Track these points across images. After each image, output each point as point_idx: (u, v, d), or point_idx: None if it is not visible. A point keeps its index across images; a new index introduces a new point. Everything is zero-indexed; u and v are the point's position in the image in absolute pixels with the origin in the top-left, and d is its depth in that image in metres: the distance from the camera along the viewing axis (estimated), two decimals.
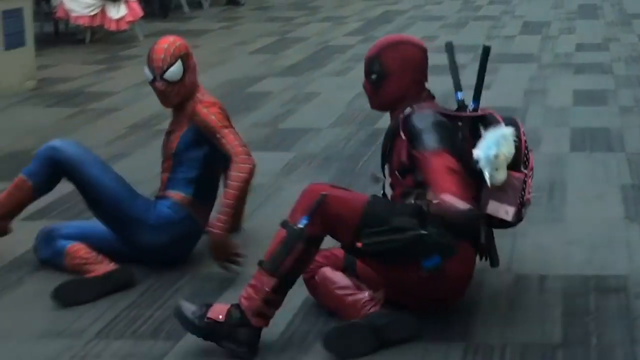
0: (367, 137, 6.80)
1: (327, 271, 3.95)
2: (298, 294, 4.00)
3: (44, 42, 11.46)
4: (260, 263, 3.66)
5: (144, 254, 4.49)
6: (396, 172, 3.93)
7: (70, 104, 8.22)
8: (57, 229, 4.54)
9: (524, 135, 3.97)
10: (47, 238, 4.50)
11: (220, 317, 3.62)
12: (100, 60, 10.54)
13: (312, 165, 6.17)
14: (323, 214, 3.65)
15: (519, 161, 3.88)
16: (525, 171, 3.88)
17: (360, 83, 4.22)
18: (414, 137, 3.83)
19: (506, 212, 3.78)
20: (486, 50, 4.26)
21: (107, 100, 8.38)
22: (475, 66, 9.29)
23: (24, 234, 4.89)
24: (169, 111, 4.74)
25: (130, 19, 11.47)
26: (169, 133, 4.61)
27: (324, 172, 6.00)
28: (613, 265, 4.51)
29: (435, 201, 3.62)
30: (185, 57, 4.49)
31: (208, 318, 3.62)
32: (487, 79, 8.61)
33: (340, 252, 4.05)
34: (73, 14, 11.20)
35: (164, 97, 4.51)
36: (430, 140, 3.77)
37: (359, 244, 3.65)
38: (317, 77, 9.26)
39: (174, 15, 14.25)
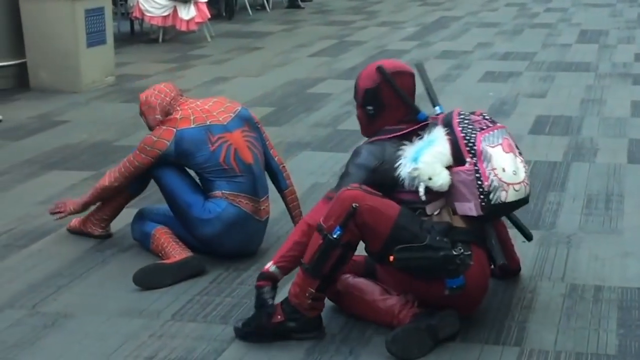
0: None
1: (349, 279, 4.02)
2: None
3: (121, 40, 11.90)
4: (302, 265, 3.78)
5: (207, 246, 4.71)
6: None
7: None
8: (149, 211, 4.87)
9: (458, 125, 3.89)
10: (140, 218, 4.84)
11: (279, 317, 3.80)
12: (172, 59, 10.93)
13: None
14: (356, 223, 3.68)
15: (460, 154, 3.83)
16: (474, 159, 3.80)
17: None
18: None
19: (470, 208, 3.79)
20: (419, 66, 4.33)
21: None
22: (531, 75, 9.86)
23: None
24: None
25: (199, 20, 11.93)
26: None
27: None
28: None
29: None
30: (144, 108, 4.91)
31: (269, 324, 3.80)
32: (543, 87, 8.95)
33: (359, 258, 4.09)
34: (148, 14, 11.74)
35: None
36: (340, 180, 3.93)
37: (391, 258, 3.67)
38: None
39: (238, 17, 14.57)
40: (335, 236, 3.68)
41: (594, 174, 6.11)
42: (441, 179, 3.78)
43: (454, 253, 3.66)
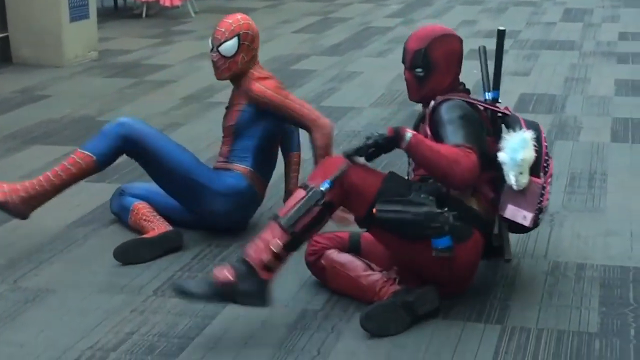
0: (407, 118, 6.96)
1: (334, 254, 3.99)
2: None
3: (104, 15, 11.83)
4: (275, 218, 3.68)
5: (206, 220, 4.70)
6: None
7: (129, 75, 8.60)
8: (129, 187, 4.85)
9: (545, 141, 3.97)
10: (119, 194, 4.82)
11: (230, 277, 3.61)
12: (155, 34, 10.89)
13: (353, 143, 6.30)
14: (344, 182, 3.67)
15: (538, 167, 3.86)
16: (544, 177, 3.86)
17: (400, 64, 4.20)
18: (439, 126, 3.80)
19: (524, 217, 3.79)
20: (501, 34, 4.17)
21: (162, 73, 8.71)
22: (515, 52, 9.69)
23: (86, 195, 5.27)
24: (220, 84, 4.69)
25: None
26: (228, 107, 4.77)
27: None
28: None
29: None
30: (244, 36, 4.62)
31: (218, 282, 3.61)
32: (527, 65, 8.94)
33: (344, 235, 4.09)
34: None
35: (215, 69, 4.68)
36: (453, 134, 3.72)
37: (374, 210, 3.64)
38: (359, 57, 9.46)
39: None
40: (322, 188, 3.65)
41: (578, 152, 6.13)
42: (525, 179, 3.79)
43: (438, 210, 3.63)
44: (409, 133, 3.69)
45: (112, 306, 3.98)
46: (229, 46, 4.60)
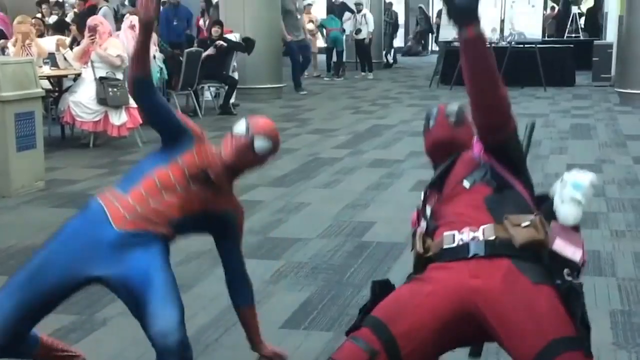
0: (354, 249, 6.96)
1: None
2: None
3: (51, 145, 11.81)
4: None
5: None
6: (464, 181, 3.56)
7: (75, 205, 8.39)
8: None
9: None
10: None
11: None
12: (102, 164, 10.87)
13: (300, 275, 6.36)
14: None
15: None
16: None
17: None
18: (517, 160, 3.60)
19: (574, 253, 3.34)
20: (532, 127, 3.97)
21: None
22: None
23: None
24: None
25: (130, 125, 11.91)
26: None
27: (312, 282, 6.19)
28: None
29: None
30: None
31: None
32: None
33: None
34: (78, 119, 11.68)
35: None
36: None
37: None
38: (307, 188, 9.49)
39: None
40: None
41: None
42: (580, 211, 3.45)
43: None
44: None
45: None
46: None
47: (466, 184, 3.56)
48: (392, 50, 29.09)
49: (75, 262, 3.96)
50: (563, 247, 3.34)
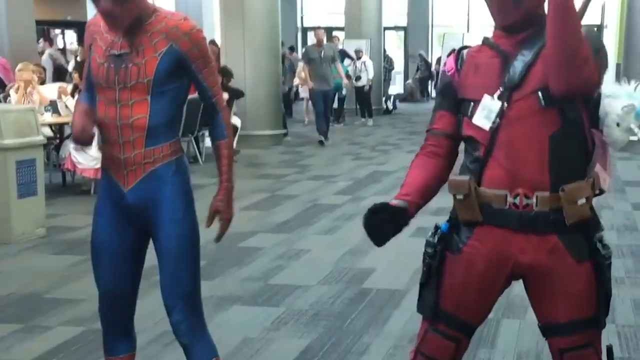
0: (355, 296, 6.97)
1: None
2: None
3: (52, 192, 11.85)
4: None
5: None
6: (539, 94, 3.16)
7: (76, 252, 8.52)
8: None
9: None
10: None
11: None
12: None
13: (300, 322, 6.35)
14: None
15: None
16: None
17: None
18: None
19: (604, 180, 3.34)
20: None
21: None
22: None
23: None
24: None
25: None
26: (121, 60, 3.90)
27: (312, 329, 6.19)
28: None
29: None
30: None
31: None
32: None
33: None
34: (79, 166, 11.70)
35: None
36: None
37: None
38: (307, 234, 9.49)
39: None
40: None
41: (524, 331, 6.15)
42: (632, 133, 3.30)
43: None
44: None
45: None
46: None
47: (542, 99, 3.18)
48: (392, 97, 29.20)
49: None
50: (598, 174, 3.33)
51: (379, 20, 26.69)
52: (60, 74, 18.76)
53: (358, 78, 23.49)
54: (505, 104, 3.20)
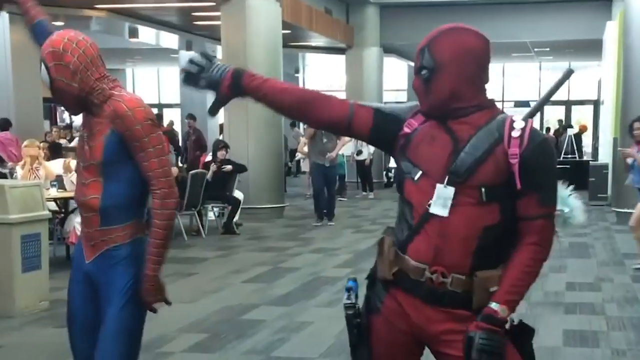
0: None
1: None
2: None
3: (56, 265, 11.73)
4: None
5: None
6: (482, 190, 3.21)
7: None
8: None
9: None
10: None
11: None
12: None
13: None
14: None
15: None
16: None
17: None
18: (540, 174, 3.22)
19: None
20: (568, 74, 3.50)
21: None
22: None
23: None
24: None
25: None
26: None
27: None
28: None
29: None
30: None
31: None
32: None
33: None
34: None
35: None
36: (554, 195, 3.30)
37: None
38: (309, 307, 9.51)
39: (174, 243, 14.25)
40: None
41: None
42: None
43: None
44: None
45: None
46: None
47: (484, 194, 3.24)
48: (393, 170, 29.35)
49: None
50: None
51: (379, 99, 26.94)
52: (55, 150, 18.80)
53: (359, 152, 23.66)
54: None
